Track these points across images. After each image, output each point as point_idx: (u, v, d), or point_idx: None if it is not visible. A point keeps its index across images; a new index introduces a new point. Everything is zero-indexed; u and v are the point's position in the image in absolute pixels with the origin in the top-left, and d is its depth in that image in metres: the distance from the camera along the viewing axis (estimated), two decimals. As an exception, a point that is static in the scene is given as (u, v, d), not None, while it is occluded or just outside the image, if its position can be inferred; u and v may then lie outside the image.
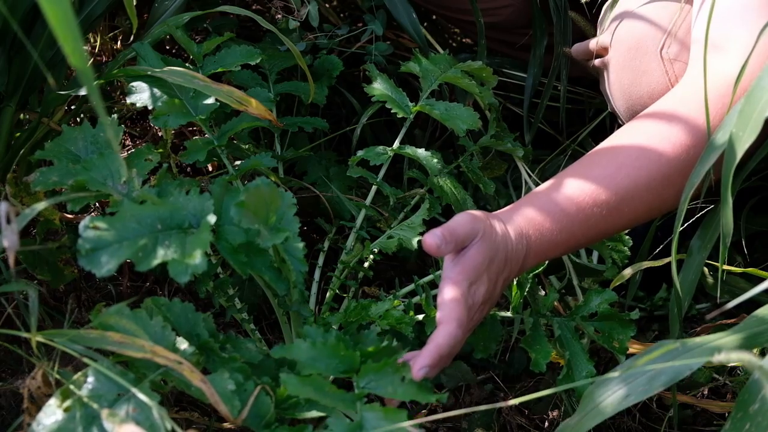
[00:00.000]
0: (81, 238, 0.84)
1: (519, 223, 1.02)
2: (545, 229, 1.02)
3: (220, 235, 0.94)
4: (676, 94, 1.08)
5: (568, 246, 1.06)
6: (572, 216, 1.02)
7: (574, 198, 1.02)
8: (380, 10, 1.53)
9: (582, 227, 1.03)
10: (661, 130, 1.04)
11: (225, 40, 1.33)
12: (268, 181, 0.95)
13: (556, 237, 1.02)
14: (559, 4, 1.41)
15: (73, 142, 1.05)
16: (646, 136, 1.05)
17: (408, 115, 1.32)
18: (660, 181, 1.03)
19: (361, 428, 0.84)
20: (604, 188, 1.02)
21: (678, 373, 0.83)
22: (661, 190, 1.04)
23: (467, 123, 1.29)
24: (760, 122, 0.80)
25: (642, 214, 1.06)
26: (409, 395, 0.89)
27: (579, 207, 1.02)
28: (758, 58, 0.98)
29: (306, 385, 0.86)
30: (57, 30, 0.56)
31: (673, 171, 1.03)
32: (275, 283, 0.98)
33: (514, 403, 0.75)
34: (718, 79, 1.01)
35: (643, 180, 1.03)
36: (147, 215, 0.88)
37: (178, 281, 0.84)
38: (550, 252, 1.04)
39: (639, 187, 1.03)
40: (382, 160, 1.29)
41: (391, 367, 0.91)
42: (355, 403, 0.86)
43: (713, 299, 1.52)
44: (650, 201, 1.04)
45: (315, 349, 0.92)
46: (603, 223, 1.04)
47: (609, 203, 1.02)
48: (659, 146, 1.03)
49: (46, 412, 0.78)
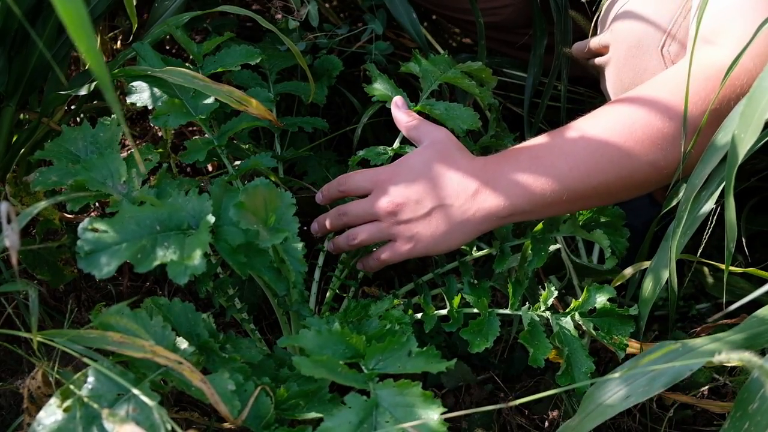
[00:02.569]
0: (80, 240, 0.84)
1: (480, 160, 1.12)
2: (503, 171, 1.08)
3: (219, 236, 0.94)
4: (659, 76, 1.10)
5: (535, 199, 1.08)
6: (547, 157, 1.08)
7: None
8: (380, 10, 1.53)
9: (548, 174, 1.07)
10: (637, 106, 1.06)
11: (225, 40, 1.33)
12: (267, 182, 0.95)
13: (513, 184, 1.07)
14: (559, 3, 1.41)
15: (72, 142, 1.05)
16: (621, 111, 1.08)
17: None
18: (629, 148, 1.05)
19: (377, 405, 0.85)
20: (568, 150, 1.07)
21: (678, 374, 0.83)
22: (628, 158, 1.06)
23: (467, 123, 1.29)
24: (761, 124, 0.80)
25: (611, 181, 1.07)
26: (419, 367, 0.90)
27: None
28: (753, 51, 0.98)
29: (319, 366, 0.86)
30: (70, 28, 0.56)
31: (643, 142, 1.04)
32: (275, 284, 0.98)
33: (515, 404, 0.75)
34: (706, 65, 1.03)
35: (612, 146, 1.05)
36: (146, 217, 0.89)
37: (177, 282, 0.84)
38: (507, 198, 1.07)
39: (605, 151, 1.06)
40: (382, 159, 1.29)
41: (397, 344, 0.92)
42: (368, 382, 0.87)
43: (713, 299, 1.52)
44: (618, 168, 1.06)
45: (321, 337, 0.93)
46: (569, 179, 1.06)
47: (572, 161, 1.06)
48: (631, 121, 1.05)
49: (46, 412, 0.78)
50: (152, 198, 0.93)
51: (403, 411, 0.84)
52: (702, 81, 1.02)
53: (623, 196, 1.12)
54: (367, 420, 0.83)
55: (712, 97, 1.01)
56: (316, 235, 1.23)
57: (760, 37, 0.95)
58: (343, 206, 1.16)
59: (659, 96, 1.06)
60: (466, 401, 1.33)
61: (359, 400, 0.85)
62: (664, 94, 1.06)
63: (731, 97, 1.02)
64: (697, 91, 1.02)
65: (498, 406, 0.75)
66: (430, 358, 0.91)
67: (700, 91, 1.02)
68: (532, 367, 1.17)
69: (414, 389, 0.85)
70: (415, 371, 0.90)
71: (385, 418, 0.83)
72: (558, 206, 1.09)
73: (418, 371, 0.90)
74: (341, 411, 0.83)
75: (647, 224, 1.41)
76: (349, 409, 0.84)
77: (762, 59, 1.01)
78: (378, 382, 0.88)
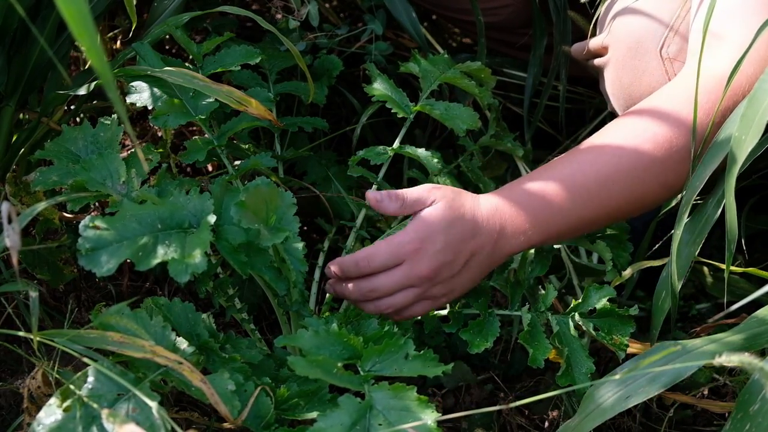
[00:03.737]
0: (81, 238, 0.84)
1: (491, 200, 1.09)
2: (519, 205, 1.08)
3: (220, 235, 0.94)
4: (663, 90, 1.11)
5: (550, 230, 1.09)
6: (551, 198, 1.08)
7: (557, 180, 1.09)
8: (380, 10, 1.53)
9: (557, 212, 1.08)
10: (645, 125, 1.07)
11: (225, 40, 1.32)
12: (268, 181, 0.95)
13: (531, 217, 1.08)
14: (558, 3, 1.41)
15: (73, 142, 1.05)
16: (628, 132, 1.08)
17: (408, 115, 1.32)
18: (639, 174, 1.07)
19: (371, 408, 0.85)
20: (580, 182, 1.08)
21: (678, 375, 0.83)
22: (640, 182, 1.08)
23: (467, 123, 1.30)
24: (762, 125, 0.80)
25: (623, 206, 1.09)
26: (415, 370, 0.90)
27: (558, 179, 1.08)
28: (753, 56, 0.98)
29: (315, 367, 0.86)
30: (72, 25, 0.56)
31: (653, 164, 1.06)
32: (275, 283, 0.98)
33: (515, 405, 0.75)
34: (706, 77, 1.02)
35: (622, 173, 1.07)
36: (147, 215, 0.89)
37: (178, 281, 0.84)
38: (528, 228, 1.08)
39: (617, 179, 1.07)
40: (382, 159, 1.30)
41: (394, 346, 0.91)
42: (363, 384, 0.87)
43: (713, 299, 1.52)
44: (628, 193, 1.08)
45: (318, 337, 0.92)
46: (584, 210, 1.08)
47: (586, 194, 1.07)
48: (640, 142, 1.06)
49: (46, 412, 0.78)
50: (153, 197, 0.93)
51: (397, 414, 0.84)
52: (704, 95, 1.02)
53: (636, 214, 1.14)
54: (360, 422, 0.83)
55: (714, 109, 1.01)
56: (328, 292, 1.18)
57: (760, 42, 0.95)
58: (369, 284, 1.09)
59: (665, 114, 1.07)
60: (466, 401, 1.33)
61: (353, 401, 0.84)
62: (669, 111, 1.07)
63: (733, 107, 1.01)
64: (701, 105, 1.02)
65: (498, 407, 0.75)
66: (427, 361, 0.91)
67: (703, 104, 1.02)
68: (532, 367, 1.17)
69: (409, 393, 0.85)
70: (411, 374, 0.89)
71: (379, 420, 0.83)
72: (572, 234, 1.14)
73: (414, 374, 0.89)
74: (334, 412, 0.83)
75: (647, 224, 1.41)
76: (342, 410, 0.83)
77: (762, 64, 1.01)
78: (373, 384, 0.87)
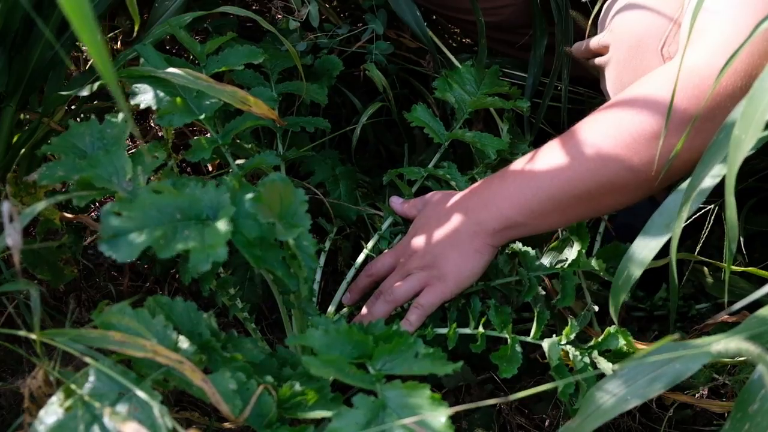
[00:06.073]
0: (103, 224, 0.83)
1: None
2: (490, 181, 1.19)
3: (236, 228, 0.94)
4: (640, 83, 1.11)
5: (522, 204, 1.14)
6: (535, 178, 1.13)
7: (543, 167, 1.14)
8: (381, 10, 1.53)
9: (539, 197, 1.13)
10: (614, 114, 1.10)
11: (227, 40, 1.33)
12: (283, 177, 0.95)
13: (502, 189, 1.16)
14: (560, 3, 1.41)
15: (79, 137, 1.05)
16: (606, 124, 1.10)
17: (443, 142, 1.42)
18: (604, 156, 1.09)
19: (385, 407, 0.85)
20: (548, 162, 1.13)
21: (678, 375, 0.83)
22: (605, 164, 1.09)
23: (496, 146, 1.40)
24: (762, 124, 0.80)
25: (592, 189, 1.11)
26: (425, 369, 0.90)
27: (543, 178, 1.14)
28: (730, 49, 0.98)
29: (328, 366, 0.87)
30: (75, 22, 0.56)
31: (631, 153, 1.07)
32: (287, 279, 0.98)
33: (515, 398, 0.75)
34: (683, 67, 1.02)
35: (590, 155, 1.09)
36: (167, 204, 0.89)
37: (198, 270, 0.84)
38: (499, 201, 1.16)
39: (582, 160, 1.10)
40: (416, 176, 1.42)
41: (404, 345, 0.92)
42: (375, 383, 0.87)
43: (713, 299, 1.52)
44: (596, 175, 1.10)
45: (329, 336, 0.93)
46: (551, 189, 1.12)
47: (554, 172, 1.12)
48: (605, 127, 1.09)
49: (47, 411, 0.78)
50: (170, 188, 0.92)
51: (410, 412, 0.84)
52: (685, 89, 1.02)
53: (610, 202, 1.14)
54: (374, 421, 0.83)
55: (693, 104, 1.02)
56: (346, 304, 1.30)
57: (738, 35, 0.96)
58: (379, 290, 1.25)
59: (639, 101, 1.08)
60: (466, 401, 1.33)
61: (367, 401, 0.84)
62: (643, 98, 1.08)
63: (718, 100, 1.01)
64: (682, 98, 1.02)
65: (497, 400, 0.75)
66: (436, 360, 0.91)
67: (683, 100, 1.02)
68: (532, 367, 1.17)
69: (422, 391, 0.85)
70: (421, 373, 0.89)
71: (392, 419, 0.83)
72: (549, 217, 1.15)
73: (424, 373, 0.89)
74: (349, 412, 0.83)
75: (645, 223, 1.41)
76: (357, 409, 0.83)
77: (748, 59, 1.01)
78: (385, 383, 0.88)
